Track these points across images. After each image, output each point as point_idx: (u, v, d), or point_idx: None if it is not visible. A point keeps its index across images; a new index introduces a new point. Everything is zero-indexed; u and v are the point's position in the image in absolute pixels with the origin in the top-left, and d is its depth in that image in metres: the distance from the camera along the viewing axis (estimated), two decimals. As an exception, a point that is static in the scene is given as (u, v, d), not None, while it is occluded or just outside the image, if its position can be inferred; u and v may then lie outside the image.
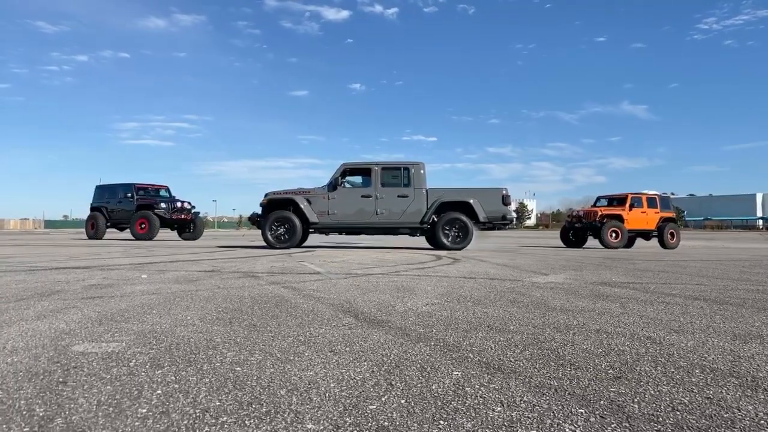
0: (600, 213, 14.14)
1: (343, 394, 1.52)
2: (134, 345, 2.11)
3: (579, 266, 6.75)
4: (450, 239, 11.43)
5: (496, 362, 1.90)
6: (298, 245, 11.94)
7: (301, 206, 11.91)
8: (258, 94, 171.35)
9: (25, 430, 1.24)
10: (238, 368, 1.78)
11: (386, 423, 1.30)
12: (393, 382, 1.64)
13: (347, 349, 2.08)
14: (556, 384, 1.64)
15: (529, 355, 2.01)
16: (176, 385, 1.59)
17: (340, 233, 12.33)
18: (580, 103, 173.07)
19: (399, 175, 12.05)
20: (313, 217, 11.91)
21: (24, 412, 1.35)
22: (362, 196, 11.98)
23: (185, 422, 1.29)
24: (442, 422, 1.31)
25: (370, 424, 1.29)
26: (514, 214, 12.39)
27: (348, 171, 12.22)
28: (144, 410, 1.38)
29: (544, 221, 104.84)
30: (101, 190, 18.92)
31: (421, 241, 13.48)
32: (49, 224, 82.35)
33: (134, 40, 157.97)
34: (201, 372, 1.73)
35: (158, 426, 1.27)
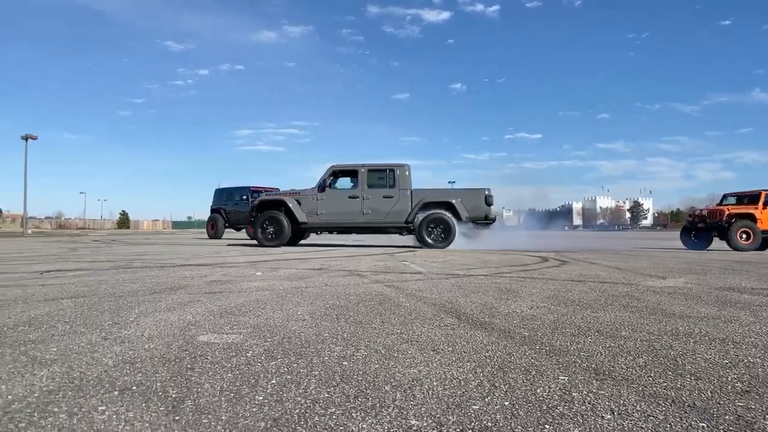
0: (728, 212, 12.85)
1: (445, 392, 1.54)
2: (251, 337, 2.27)
3: (702, 270, 6.21)
4: (432, 237, 11.82)
5: (606, 368, 1.82)
6: (293, 244, 12.94)
7: (291, 207, 12.55)
8: (362, 99, 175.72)
9: (161, 409, 1.39)
10: (345, 362, 1.86)
11: (489, 424, 1.30)
12: (496, 384, 1.63)
13: (449, 348, 2.09)
14: (673, 394, 1.54)
15: (643, 363, 1.90)
16: (288, 376, 1.69)
17: (331, 232, 13.00)
18: (701, 93, 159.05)
19: (384, 176, 12.52)
20: (302, 217, 12.55)
21: (160, 393, 1.51)
22: (349, 197, 12.48)
23: (297, 411, 1.38)
24: (547, 426, 1.29)
25: (473, 424, 1.30)
26: (495, 214, 12.53)
27: (336, 173, 12.76)
28: (260, 397, 1.48)
29: (662, 221, 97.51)
30: (220, 193, 20.44)
31: (511, 244, 13.12)
32: (176, 225, 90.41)
33: (248, 53, 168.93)
34: (311, 365, 1.83)
35: (273, 413, 1.36)
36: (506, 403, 1.45)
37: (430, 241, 11.78)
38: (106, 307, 3.04)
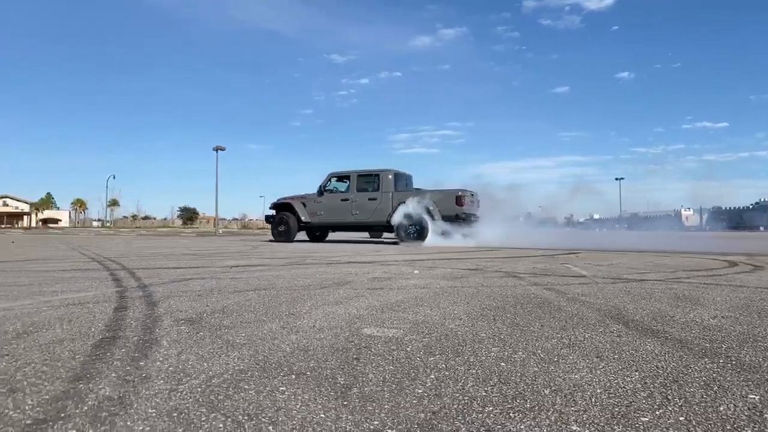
0: None
1: (610, 401, 1.46)
2: (410, 333, 2.36)
3: None
4: (408, 234, 13.31)
5: (811, 391, 1.57)
6: (320, 240, 15.77)
7: (296, 209, 14.95)
8: (518, 96, 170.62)
9: (331, 393, 1.52)
10: (502, 363, 1.86)
11: (661, 438, 1.21)
12: (669, 397, 1.50)
13: (615, 356, 1.97)
14: None
15: None
16: (447, 372, 1.74)
17: (329, 231, 15.62)
18: None
19: (371, 181, 14.26)
20: (305, 218, 14.90)
21: (330, 379, 1.66)
22: (341, 200, 14.52)
23: (455, 406, 1.42)
24: (731, 449, 1.16)
25: (641, 437, 1.22)
26: (468, 213, 13.47)
27: (333, 178, 14.88)
28: (420, 390, 1.55)
29: None
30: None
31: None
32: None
33: (405, 60, 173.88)
34: (468, 363, 1.86)
35: (432, 406, 1.42)
36: (681, 418, 1.33)
37: (405, 236, 13.38)
38: (283, 299, 3.38)
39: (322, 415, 1.34)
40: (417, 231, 13.29)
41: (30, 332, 2.30)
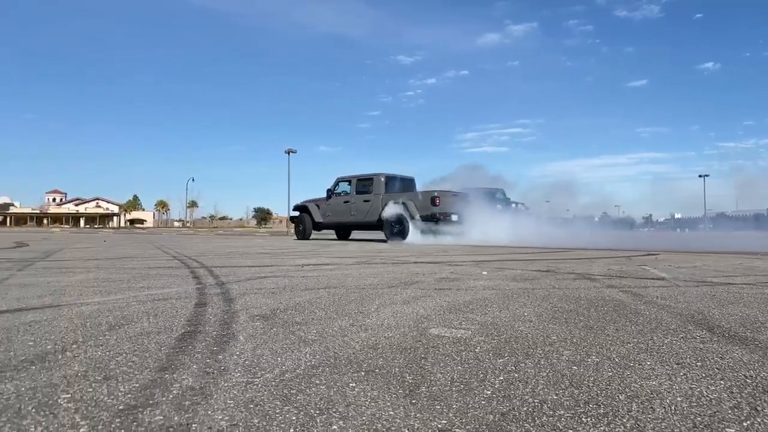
0: None
1: (692, 410, 1.39)
2: (478, 334, 2.35)
3: None
4: (393, 232, 14.67)
5: None
6: (344, 238, 17.71)
7: (311, 211, 16.95)
8: (591, 91, 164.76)
9: (399, 391, 1.54)
10: (574, 367, 1.81)
11: (748, 452, 1.14)
12: (758, 408, 1.41)
13: (698, 363, 1.87)
14: None
15: None
16: (516, 375, 1.72)
17: (335, 230, 17.61)
18: None
19: (367, 183, 15.79)
20: (318, 218, 16.83)
21: (398, 377, 1.68)
22: (344, 202, 16.28)
23: (525, 408, 1.40)
24: (829, 466, 1.08)
25: (726, 449, 1.16)
26: (444, 213, 14.52)
27: (341, 182, 16.69)
28: (489, 392, 1.54)
29: None
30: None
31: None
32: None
33: (472, 58, 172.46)
34: (538, 366, 1.83)
35: (501, 407, 1.41)
36: (772, 432, 1.25)
37: (389, 235, 14.73)
38: (352, 297, 3.45)
39: (391, 412, 1.37)
40: (399, 230, 14.58)
41: (121, 325, 2.48)
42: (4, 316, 2.68)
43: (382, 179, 15.65)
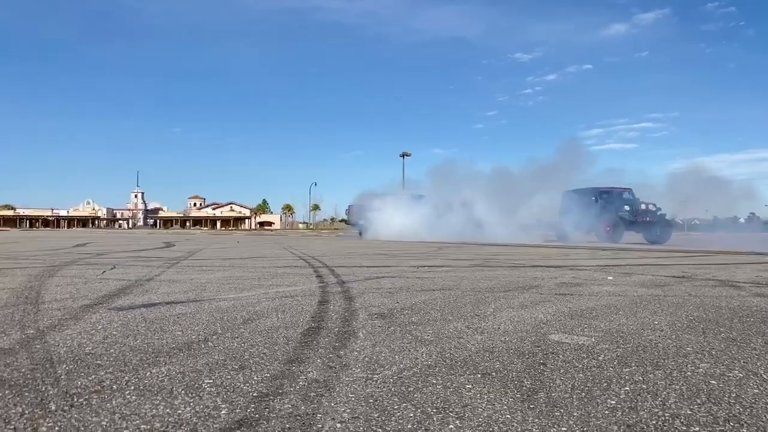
0: None
1: None
2: (602, 341, 2.23)
3: None
4: (358, 231, 22.35)
5: None
6: None
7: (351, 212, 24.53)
8: (735, 79, 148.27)
9: (516, 395, 1.52)
10: (712, 381, 1.66)
11: None
12: None
13: None
14: None
15: None
16: (644, 386, 1.62)
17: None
18: None
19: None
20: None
21: (515, 381, 1.66)
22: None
23: (653, 422, 1.32)
24: None
25: None
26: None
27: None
28: (613, 402, 1.47)
29: None
30: (569, 195, 20.38)
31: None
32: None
33: (596, 51, 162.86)
34: (670, 377, 1.70)
35: (627, 419, 1.34)
36: None
37: (359, 233, 22.79)
38: (467, 300, 3.44)
39: (508, 416, 1.36)
40: (362, 228, 23.97)
41: (253, 319, 2.70)
42: (159, 309, 3.03)
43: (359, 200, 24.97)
